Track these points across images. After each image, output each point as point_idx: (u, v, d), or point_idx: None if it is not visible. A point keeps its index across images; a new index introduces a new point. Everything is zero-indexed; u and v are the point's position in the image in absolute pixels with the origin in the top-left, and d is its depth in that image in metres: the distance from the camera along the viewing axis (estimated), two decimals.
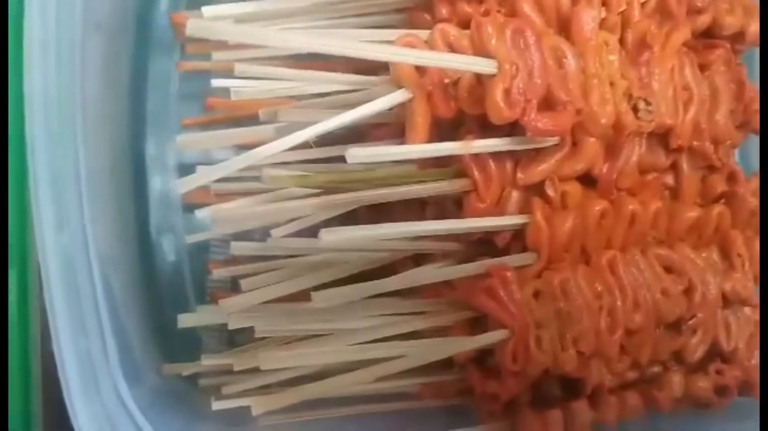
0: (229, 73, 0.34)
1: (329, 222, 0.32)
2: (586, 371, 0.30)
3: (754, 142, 0.41)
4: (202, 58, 0.37)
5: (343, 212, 0.32)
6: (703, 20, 0.33)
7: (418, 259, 0.33)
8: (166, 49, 0.39)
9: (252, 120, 0.34)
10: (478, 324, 0.31)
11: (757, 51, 0.37)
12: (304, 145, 0.29)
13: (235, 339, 0.37)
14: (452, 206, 0.32)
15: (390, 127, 0.33)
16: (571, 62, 0.29)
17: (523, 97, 0.27)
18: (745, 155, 0.42)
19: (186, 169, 0.39)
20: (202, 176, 0.24)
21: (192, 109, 0.39)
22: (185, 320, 0.33)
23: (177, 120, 0.39)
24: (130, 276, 0.36)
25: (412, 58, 0.27)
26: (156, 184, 0.39)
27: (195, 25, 0.22)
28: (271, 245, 0.32)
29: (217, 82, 0.34)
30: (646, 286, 0.30)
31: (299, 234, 0.32)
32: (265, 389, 0.31)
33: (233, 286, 0.36)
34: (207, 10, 0.29)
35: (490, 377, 0.30)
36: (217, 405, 0.29)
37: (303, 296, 0.31)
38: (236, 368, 0.28)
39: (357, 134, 0.34)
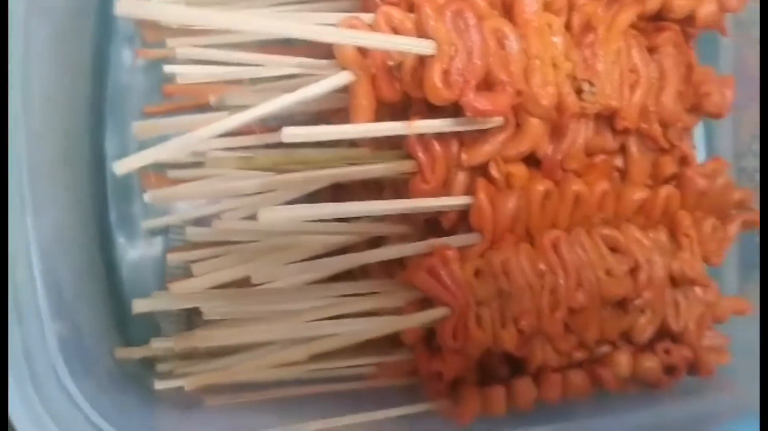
0: (183, 60, 0.34)
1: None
2: (529, 350, 0.30)
3: (718, 126, 0.42)
4: (162, 45, 0.37)
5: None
6: (654, 3, 0.33)
7: (373, 244, 0.33)
8: (126, 37, 0.39)
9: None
10: (428, 304, 0.31)
11: (716, 36, 0.37)
12: (253, 131, 0.29)
13: (195, 324, 0.37)
14: (406, 190, 0.32)
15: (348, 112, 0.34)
16: (512, 44, 0.29)
17: (462, 78, 0.27)
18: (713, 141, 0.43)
19: None
20: (140, 158, 0.25)
21: (154, 98, 0.39)
22: (140, 305, 0.33)
23: (138, 108, 0.39)
24: (87, 264, 0.36)
25: (351, 39, 0.27)
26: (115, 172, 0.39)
27: (125, 4, 0.22)
28: (224, 229, 0.32)
29: (168, 68, 0.34)
30: (590, 266, 0.31)
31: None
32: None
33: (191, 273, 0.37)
34: None
35: (434, 356, 0.30)
36: (159, 385, 0.29)
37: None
38: (176, 349, 0.28)
39: (317, 120, 0.34)
